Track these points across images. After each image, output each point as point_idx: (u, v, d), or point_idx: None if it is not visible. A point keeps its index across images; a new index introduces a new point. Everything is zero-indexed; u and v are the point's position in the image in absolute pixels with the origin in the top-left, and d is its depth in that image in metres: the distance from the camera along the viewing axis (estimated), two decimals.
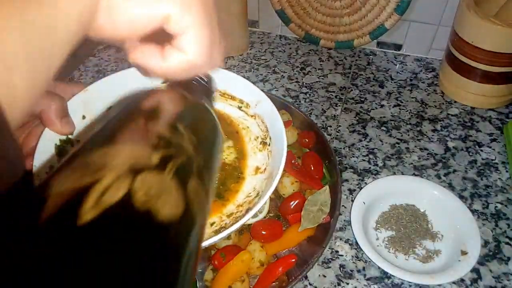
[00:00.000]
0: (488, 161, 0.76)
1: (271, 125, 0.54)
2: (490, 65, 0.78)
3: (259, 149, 0.56)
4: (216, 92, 0.56)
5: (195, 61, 0.30)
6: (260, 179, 0.52)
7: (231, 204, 0.52)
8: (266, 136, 0.55)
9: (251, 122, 0.58)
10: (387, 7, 0.90)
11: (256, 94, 0.55)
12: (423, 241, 0.65)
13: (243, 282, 0.57)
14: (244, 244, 0.61)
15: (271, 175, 0.49)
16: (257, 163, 0.55)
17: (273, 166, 0.50)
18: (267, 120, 0.55)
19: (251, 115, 0.58)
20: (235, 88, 0.57)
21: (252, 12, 1.03)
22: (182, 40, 0.30)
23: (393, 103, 0.88)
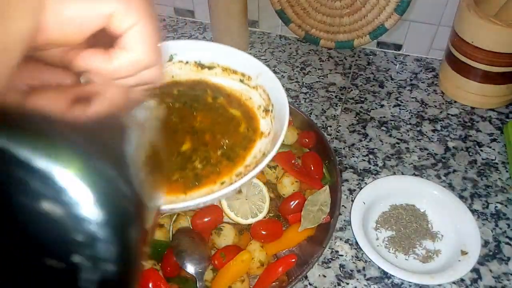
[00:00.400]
0: (488, 161, 0.76)
1: (272, 93, 0.56)
2: (490, 65, 0.78)
3: (262, 117, 0.58)
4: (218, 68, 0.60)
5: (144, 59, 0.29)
6: (265, 142, 0.55)
7: (240, 166, 0.54)
8: (268, 104, 0.57)
9: (253, 93, 0.60)
10: (387, 7, 0.90)
11: (257, 67, 0.58)
12: (423, 241, 0.65)
13: (243, 282, 0.57)
14: (244, 244, 0.61)
15: (276, 136, 0.52)
16: (262, 129, 0.57)
17: (277, 128, 0.53)
18: (268, 89, 0.57)
19: (252, 87, 0.59)
20: (236, 62, 0.60)
21: (252, 12, 1.03)
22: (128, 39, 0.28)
23: (393, 103, 0.88)
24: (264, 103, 0.58)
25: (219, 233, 0.61)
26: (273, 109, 0.56)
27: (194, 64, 0.62)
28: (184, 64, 0.62)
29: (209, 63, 0.61)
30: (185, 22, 1.12)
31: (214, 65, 0.61)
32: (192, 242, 0.59)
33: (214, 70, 0.62)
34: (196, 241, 0.59)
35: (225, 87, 0.62)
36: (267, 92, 0.58)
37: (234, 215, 0.62)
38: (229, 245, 0.60)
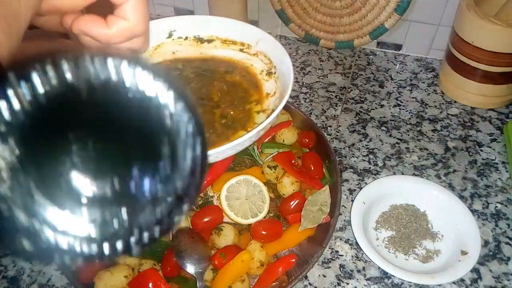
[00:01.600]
0: (488, 161, 0.76)
1: (274, 55, 0.57)
2: (490, 65, 0.78)
3: (266, 80, 0.59)
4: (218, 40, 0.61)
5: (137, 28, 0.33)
6: (273, 100, 0.56)
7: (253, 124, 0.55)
8: (271, 67, 0.58)
9: (254, 60, 0.61)
10: (387, 7, 0.90)
11: (256, 33, 0.59)
12: (423, 241, 0.65)
13: (243, 282, 0.57)
14: (244, 244, 0.61)
15: (282, 93, 0.53)
16: (267, 90, 0.58)
17: (283, 85, 0.54)
18: (269, 53, 0.58)
19: (253, 54, 0.60)
20: (235, 32, 0.61)
21: (252, 12, 1.03)
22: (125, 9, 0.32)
23: (393, 103, 0.88)
24: (266, 67, 0.59)
25: (219, 233, 0.61)
26: (276, 70, 0.57)
27: (194, 39, 0.62)
28: (183, 40, 0.62)
29: (208, 36, 0.62)
30: None
31: (213, 38, 0.62)
32: (192, 242, 0.59)
33: (213, 43, 0.62)
34: (196, 241, 0.59)
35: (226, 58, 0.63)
36: (268, 56, 0.59)
37: (234, 215, 0.62)
38: (229, 245, 0.60)
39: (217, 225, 0.62)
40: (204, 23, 0.61)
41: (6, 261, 0.65)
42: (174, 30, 0.61)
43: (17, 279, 0.63)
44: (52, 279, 0.63)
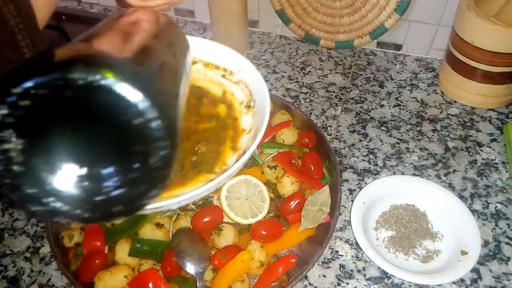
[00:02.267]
0: (488, 161, 0.76)
1: (254, 88, 0.56)
2: (490, 65, 0.78)
3: (244, 113, 0.57)
4: (200, 63, 0.61)
5: None
6: (246, 139, 0.54)
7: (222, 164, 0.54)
8: (250, 100, 0.57)
9: (235, 89, 0.59)
10: (387, 7, 0.90)
11: (239, 61, 0.57)
12: (423, 241, 0.65)
13: (243, 282, 0.57)
14: (244, 244, 0.61)
15: (256, 132, 0.51)
16: (243, 126, 0.56)
17: (258, 124, 0.52)
18: (250, 84, 0.57)
19: (235, 82, 0.59)
20: (218, 57, 0.59)
21: (252, 12, 1.03)
22: None
23: (393, 103, 0.88)
24: (247, 98, 0.58)
25: (219, 233, 0.61)
26: (255, 105, 0.56)
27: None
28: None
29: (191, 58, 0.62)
30: (185, 22, 1.12)
31: (195, 60, 0.61)
32: (192, 242, 0.59)
33: (196, 66, 0.61)
34: (196, 241, 0.59)
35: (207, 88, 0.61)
36: (249, 87, 0.57)
37: (234, 215, 0.62)
38: (229, 245, 0.60)
39: (217, 225, 0.62)
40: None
41: (6, 261, 0.65)
42: None
43: (17, 279, 0.63)
44: (52, 279, 0.63)
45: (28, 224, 0.69)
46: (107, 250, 0.61)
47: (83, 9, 1.19)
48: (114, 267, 0.58)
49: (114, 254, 0.60)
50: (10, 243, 0.67)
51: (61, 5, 1.19)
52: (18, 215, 0.71)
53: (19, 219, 0.70)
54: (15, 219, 0.70)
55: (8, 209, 0.72)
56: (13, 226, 0.69)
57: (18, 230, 0.69)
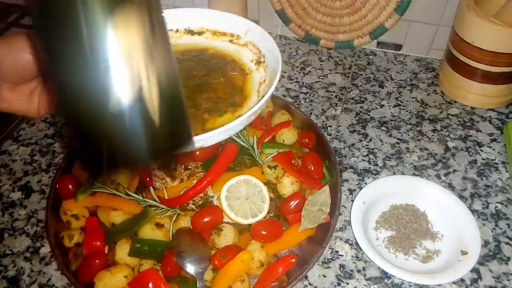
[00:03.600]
0: (488, 161, 0.76)
1: (262, 45, 0.59)
2: (490, 65, 0.78)
3: (256, 69, 0.61)
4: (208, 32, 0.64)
5: None
6: (263, 88, 0.58)
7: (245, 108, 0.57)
8: (260, 56, 0.60)
9: (243, 50, 0.62)
10: (387, 7, 0.90)
11: (244, 24, 0.61)
12: (423, 241, 0.65)
13: (243, 282, 0.57)
14: (244, 244, 0.61)
15: (271, 80, 0.55)
16: (258, 79, 0.60)
17: (271, 73, 0.56)
18: (258, 43, 0.60)
19: (242, 45, 0.62)
20: (224, 24, 0.63)
21: (252, 12, 1.03)
22: None
23: (393, 103, 0.88)
24: (256, 56, 0.61)
25: (219, 233, 0.61)
26: (265, 59, 0.59)
27: (184, 31, 0.64)
28: (174, 32, 0.64)
29: (198, 28, 0.64)
30: None
31: (203, 29, 0.64)
32: (192, 242, 0.59)
33: (204, 35, 0.64)
34: (196, 241, 0.59)
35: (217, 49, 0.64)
36: (257, 45, 0.61)
37: (234, 215, 0.62)
38: (229, 245, 0.60)
39: (217, 225, 0.62)
40: (194, 15, 0.63)
41: (6, 261, 0.65)
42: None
43: (17, 279, 0.63)
44: (52, 279, 0.63)
45: (28, 224, 0.69)
46: (107, 250, 0.61)
47: None
48: (114, 267, 0.58)
49: (114, 254, 0.60)
50: (10, 243, 0.67)
51: None
52: (18, 215, 0.71)
53: (19, 219, 0.70)
54: (15, 219, 0.70)
55: (8, 209, 0.72)
56: (13, 226, 0.69)
57: (18, 230, 0.69)
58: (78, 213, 0.64)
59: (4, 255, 0.66)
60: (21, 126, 0.86)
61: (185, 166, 0.68)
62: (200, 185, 0.65)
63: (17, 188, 0.75)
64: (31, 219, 0.70)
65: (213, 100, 0.56)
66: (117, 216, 0.62)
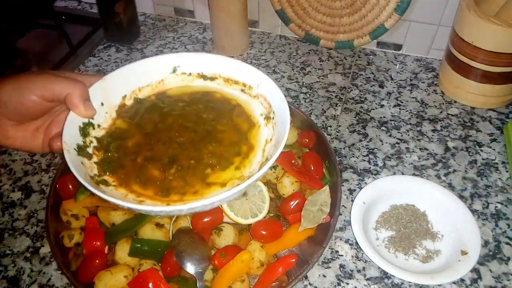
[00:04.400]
0: (488, 161, 0.76)
1: (273, 101, 0.58)
2: (490, 65, 0.78)
3: (264, 124, 0.60)
4: (220, 79, 0.63)
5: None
6: (268, 147, 0.57)
7: (246, 169, 0.56)
8: (270, 111, 0.59)
9: (254, 102, 0.61)
10: (387, 7, 0.90)
11: (257, 76, 0.60)
12: (423, 241, 0.65)
13: (243, 282, 0.57)
14: (244, 244, 0.61)
15: (278, 141, 0.54)
16: (265, 136, 0.59)
17: (279, 134, 0.55)
18: (269, 97, 0.59)
19: (253, 96, 0.61)
20: (237, 73, 0.62)
21: (252, 12, 1.03)
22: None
23: (393, 103, 0.88)
24: (266, 110, 0.60)
25: (219, 233, 0.61)
26: (275, 116, 0.58)
27: (197, 76, 0.64)
28: (187, 76, 0.64)
29: (211, 74, 0.63)
30: (185, 22, 1.12)
31: (216, 76, 0.63)
32: (192, 242, 0.59)
33: (216, 81, 0.64)
34: (196, 241, 0.59)
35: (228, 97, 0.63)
36: (268, 100, 0.59)
37: (234, 215, 0.62)
38: (229, 245, 0.60)
39: (217, 225, 0.62)
40: (208, 60, 0.63)
41: (6, 261, 0.65)
42: (178, 65, 0.62)
43: (17, 279, 0.63)
44: (52, 279, 0.63)
45: (28, 224, 0.69)
46: (107, 250, 0.61)
47: (83, 9, 1.19)
48: (114, 267, 0.58)
49: (114, 254, 0.60)
50: (10, 243, 0.67)
51: (61, 5, 1.19)
52: (18, 215, 0.71)
53: (19, 219, 0.70)
54: (15, 219, 0.70)
55: (8, 209, 0.72)
56: (13, 226, 0.69)
57: (18, 230, 0.69)
58: (78, 213, 0.64)
59: (4, 255, 0.66)
60: None
61: None
62: None
63: (17, 188, 0.75)
64: (31, 219, 0.70)
65: (218, 155, 0.56)
66: (117, 216, 0.62)
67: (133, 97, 0.61)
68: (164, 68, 0.62)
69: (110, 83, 0.57)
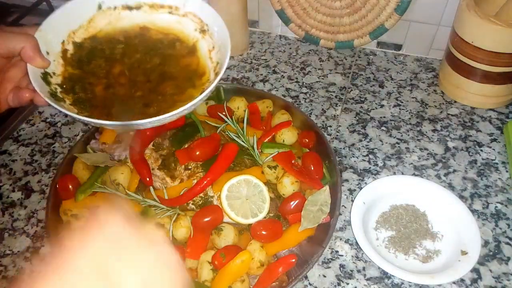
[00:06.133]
0: (488, 161, 0.76)
1: (203, 14, 0.61)
2: (490, 65, 0.78)
3: (201, 37, 0.62)
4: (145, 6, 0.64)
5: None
6: (214, 54, 0.60)
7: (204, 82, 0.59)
8: (202, 25, 0.61)
9: (184, 21, 0.63)
10: (387, 7, 0.90)
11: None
12: (423, 241, 0.65)
13: (243, 282, 0.57)
14: (244, 244, 0.61)
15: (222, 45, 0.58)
16: (207, 47, 0.61)
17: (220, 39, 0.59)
18: (198, 13, 0.61)
19: (182, 15, 0.63)
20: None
21: (252, 12, 1.03)
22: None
23: (393, 103, 0.88)
24: (198, 25, 0.62)
25: (219, 233, 0.61)
26: (208, 27, 0.61)
27: (122, 8, 0.64)
28: (113, 10, 0.64)
29: (135, 3, 0.64)
30: None
31: (140, 4, 0.64)
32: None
33: (142, 9, 0.64)
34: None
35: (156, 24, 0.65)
36: (198, 15, 0.62)
37: (234, 215, 0.62)
38: (229, 245, 0.60)
39: (217, 225, 0.62)
40: None
41: (6, 261, 0.65)
42: (102, 1, 0.63)
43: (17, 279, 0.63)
44: None
45: (28, 224, 0.69)
46: None
47: None
48: None
49: None
50: (10, 243, 0.67)
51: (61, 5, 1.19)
52: (18, 215, 0.71)
53: (19, 219, 0.70)
54: (15, 219, 0.70)
55: (8, 209, 0.72)
56: (13, 226, 0.69)
57: (18, 230, 0.69)
58: (78, 213, 0.64)
59: (4, 255, 0.66)
60: (21, 126, 0.86)
61: (185, 166, 0.68)
62: (200, 185, 0.65)
63: (17, 188, 0.75)
64: (31, 219, 0.70)
65: (176, 85, 0.59)
66: None
67: (71, 41, 0.62)
68: (89, 6, 0.63)
69: (46, 31, 0.58)
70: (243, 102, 0.79)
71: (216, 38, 0.60)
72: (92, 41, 0.63)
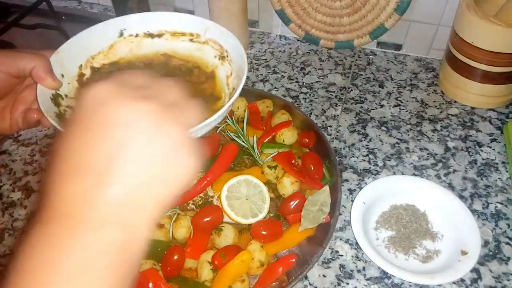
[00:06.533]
0: (488, 161, 0.76)
1: (223, 41, 0.61)
2: (490, 65, 0.78)
3: (220, 63, 0.62)
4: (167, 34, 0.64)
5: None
6: (231, 80, 0.60)
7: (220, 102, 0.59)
8: (222, 51, 0.61)
9: (205, 48, 0.63)
10: (387, 7, 0.90)
11: (202, 23, 0.62)
12: (423, 241, 0.65)
13: (243, 282, 0.57)
14: (244, 244, 0.61)
15: (238, 73, 0.57)
16: (225, 73, 0.61)
17: (237, 66, 0.58)
18: (219, 39, 0.61)
19: (203, 42, 0.63)
20: (182, 24, 0.64)
21: (252, 12, 1.03)
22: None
23: (393, 103, 0.88)
24: (218, 52, 0.62)
25: (219, 233, 0.61)
26: (228, 54, 0.60)
27: (144, 35, 0.64)
28: (134, 37, 0.64)
29: (157, 31, 0.64)
30: None
31: (162, 32, 0.64)
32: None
33: (164, 37, 0.65)
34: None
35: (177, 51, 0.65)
36: (218, 42, 0.62)
37: (234, 215, 0.62)
38: (229, 245, 0.60)
39: (217, 225, 0.62)
40: (152, 18, 0.64)
41: (6, 261, 0.65)
42: (124, 28, 0.63)
43: None
44: None
45: (28, 224, 0.69)
46: None
47: (83, 9, 1.19)
48: None
49: None
50: (10, 243, 0.67)
51: (61, 5, 1.19)
52: (18, 215, 0.71)
53: (19, 219, 0.70)
54: (15, 219, 0.70)
55: (8, 209, 0.72)
56: (13, 226, 0.69)
57: (18, 230, 0.69)
58: None
59: (4, 255, 0.66)
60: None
61: None
62: (200, 185, 0.65)
63: (17, 188, 0.75)
64: (31, 219, 0.70)
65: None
66: None
67: (89, 66, 0.62)
68: (111, 32, 0.63)
69: (64, 54, 0.58)
70: (243, 102, 0.79)
71: (234, 64, 0.60)
72: (111, 66, 0.63)
